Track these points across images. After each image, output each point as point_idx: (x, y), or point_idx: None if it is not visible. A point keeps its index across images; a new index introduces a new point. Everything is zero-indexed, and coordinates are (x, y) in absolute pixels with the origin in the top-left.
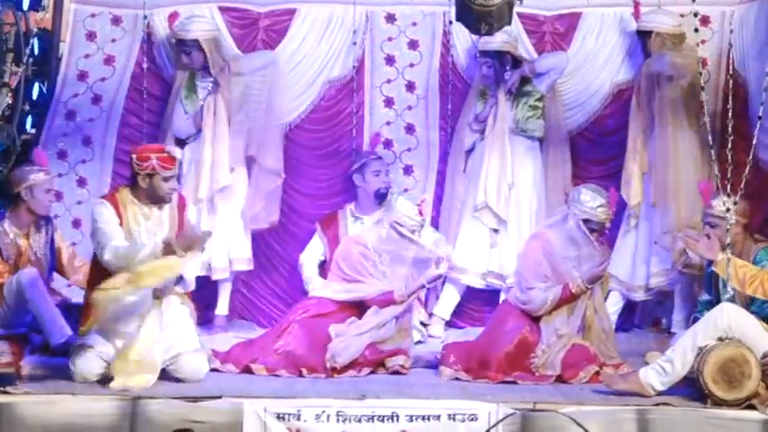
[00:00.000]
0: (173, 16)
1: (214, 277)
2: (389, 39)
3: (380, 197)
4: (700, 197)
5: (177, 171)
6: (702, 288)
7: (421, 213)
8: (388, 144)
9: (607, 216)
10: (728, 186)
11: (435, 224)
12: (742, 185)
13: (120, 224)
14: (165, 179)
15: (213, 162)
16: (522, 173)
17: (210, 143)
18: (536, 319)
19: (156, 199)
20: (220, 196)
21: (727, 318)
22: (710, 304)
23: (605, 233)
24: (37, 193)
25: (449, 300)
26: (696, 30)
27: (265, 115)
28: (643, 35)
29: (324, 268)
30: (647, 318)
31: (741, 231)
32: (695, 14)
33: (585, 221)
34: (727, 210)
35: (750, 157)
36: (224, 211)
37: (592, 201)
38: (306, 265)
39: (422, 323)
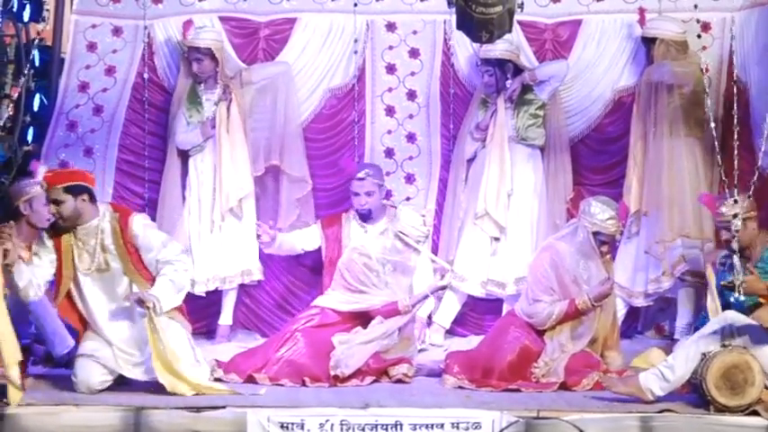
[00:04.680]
0: (187, 24)
1: (223, 287)
2: (390, 47)
3: (361, 217)
4: (693, 207)
5: (52, 195)
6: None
7: (425, 224)
8: (389, 153)
9: (617, 228)
10: (735, 192)
11: (437, 233)
12: (750, 192)
13: (58, 255)
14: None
15: (235, 171)
16: (523, 181)
17: (229, 152)
18: (540, 330)
19: None
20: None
21: (731, 324)
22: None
23: (616, 246)
24: (36, 205)
25: (449, 308)
26: (698, 36)
27: (284, 123)
28: (647, 42)
29: (320, 267)
30: (649, 324)
31: (756, 226)
32: (696, 21)
33: (595, 234)
34: (735, 215)
35: (758, 164)
36: (232, 222)
37: (602, 213)
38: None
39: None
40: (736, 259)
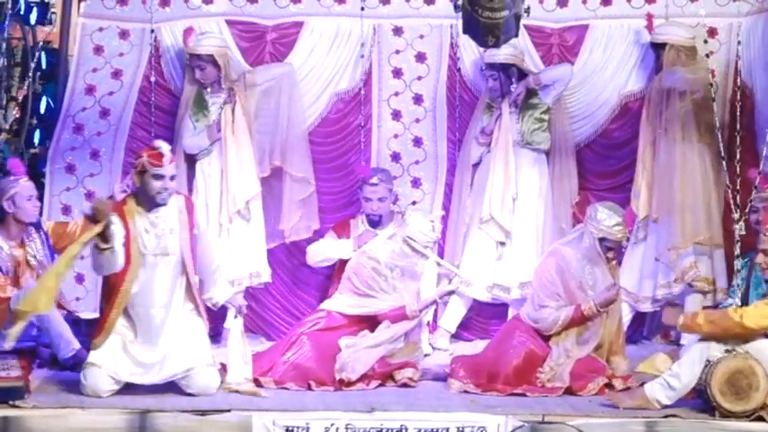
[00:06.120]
0: (188, 32)
1: (231, 290)
2: (397, 51)
3: (371, 223)
4: (705, 213)
5: (170, 171)
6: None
7: (433, 229)
8: (395, 157)
9: (623, 235)
10: (737, 198)
11: (443, 237)
12: (751, 196)
13: (126, 236)
14: (155, 177)
15: (241, 172)
16: (528, 185)
17: (235, 154)
18: (545, 335)
19: (150, 200)
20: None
21: None
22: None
23: (622, 251)
24: (19, 201)
25: (454, 312)
26: (704, 42)
27: (287, 124)
28: (656, 47)
29: (326, 271)
30: (655, 329)
31: None
32: (702, 26)
33: (602, 240)
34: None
35: (761, 168)
36: (240, 224)
37: (608, 219)
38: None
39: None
40: (737, 263)
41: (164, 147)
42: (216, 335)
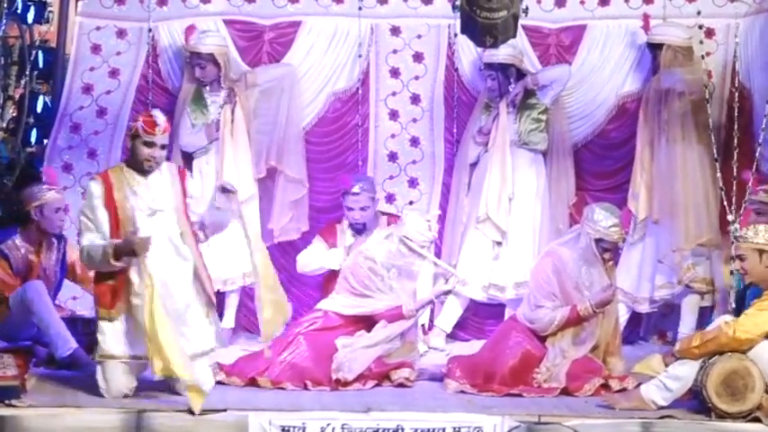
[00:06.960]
0: (189, 30)
1: (224, 289)
2: (394, 51)
3: (356, 230)
4: (708, 215)
5: (160, 140)
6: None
7: (430, 229)
8: (392, 157)
9: (620, 236)
10: (732, 199)
11: (440, 237)
12: (745, 198)
13: (109, 200)
14: (146, 144)
15: (237, 173)
16: (525, 185)
17: (232, 155)
18: (541, 336)
19: (138, 165)
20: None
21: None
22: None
23: (619, 252)
24: (47, 212)
25: (451, 312)
26: (701, 42)
27: (285, 125)
28: (653, 48)
29: (328, 277)
30: (652, 330)
31: None
32: (700, 27)
33: (598, 241)
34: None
35: (753, 171)
36: (233, 224)
37: (605, 220)
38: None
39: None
40: (733, 266)
41: (159, 116)
42: None
